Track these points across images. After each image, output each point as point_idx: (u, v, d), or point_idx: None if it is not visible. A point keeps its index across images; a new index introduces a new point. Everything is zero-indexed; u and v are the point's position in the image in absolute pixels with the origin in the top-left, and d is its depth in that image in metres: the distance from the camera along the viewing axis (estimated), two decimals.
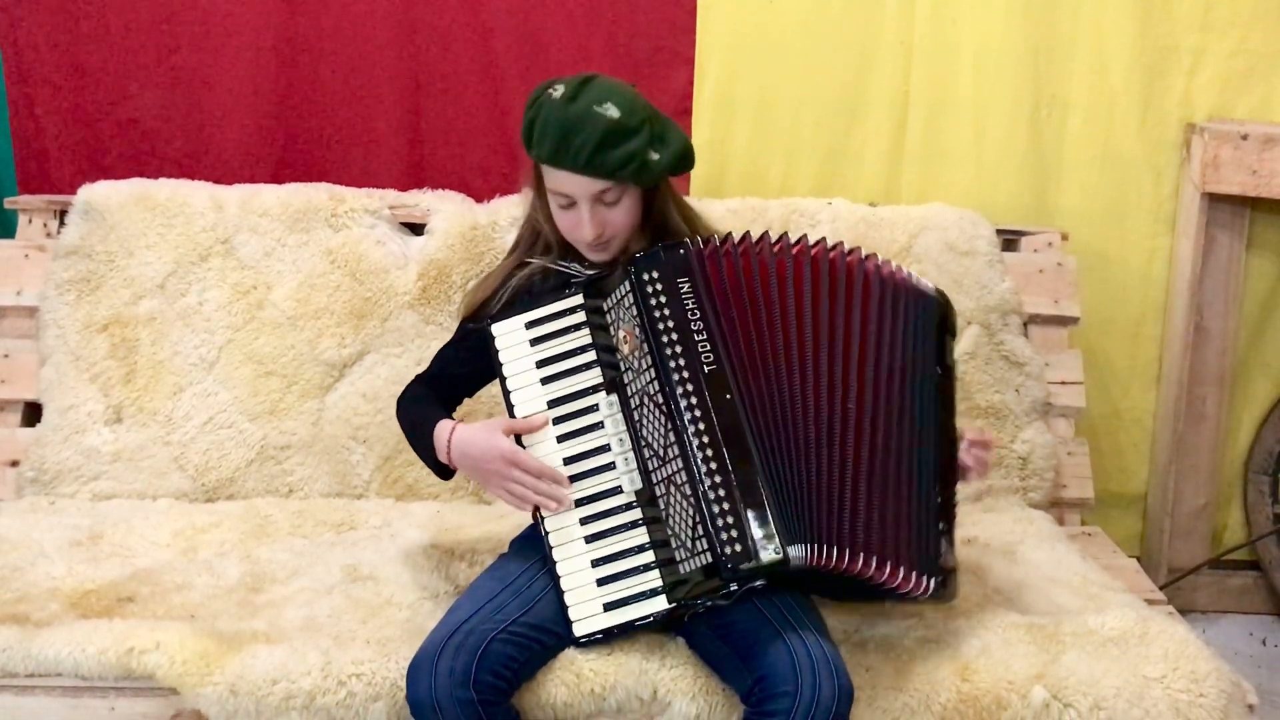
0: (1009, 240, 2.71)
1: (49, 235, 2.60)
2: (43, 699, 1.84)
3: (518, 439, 1.82)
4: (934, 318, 1.90)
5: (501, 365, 1.84)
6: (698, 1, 2.70)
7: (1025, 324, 2.64)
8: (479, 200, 2.64)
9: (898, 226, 2.61)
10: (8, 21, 2.71)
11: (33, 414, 2.54)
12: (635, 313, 1.76)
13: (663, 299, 1.75)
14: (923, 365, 1.86)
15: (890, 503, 1.78)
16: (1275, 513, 2.87)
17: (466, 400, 2.06)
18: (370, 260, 2.53)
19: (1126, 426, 2.89)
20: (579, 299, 1.83)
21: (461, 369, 1.98)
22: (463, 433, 1.84)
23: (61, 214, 2.59)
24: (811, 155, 2.78)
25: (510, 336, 1.84)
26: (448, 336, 2.07)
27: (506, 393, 1.82)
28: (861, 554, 1.73)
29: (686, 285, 1.76)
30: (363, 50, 2.73)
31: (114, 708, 1.84)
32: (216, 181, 2.63)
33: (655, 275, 1.76)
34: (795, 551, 1.69)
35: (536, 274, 1.95)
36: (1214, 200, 2.69)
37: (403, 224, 2.60)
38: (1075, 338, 2.70)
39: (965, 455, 1.90)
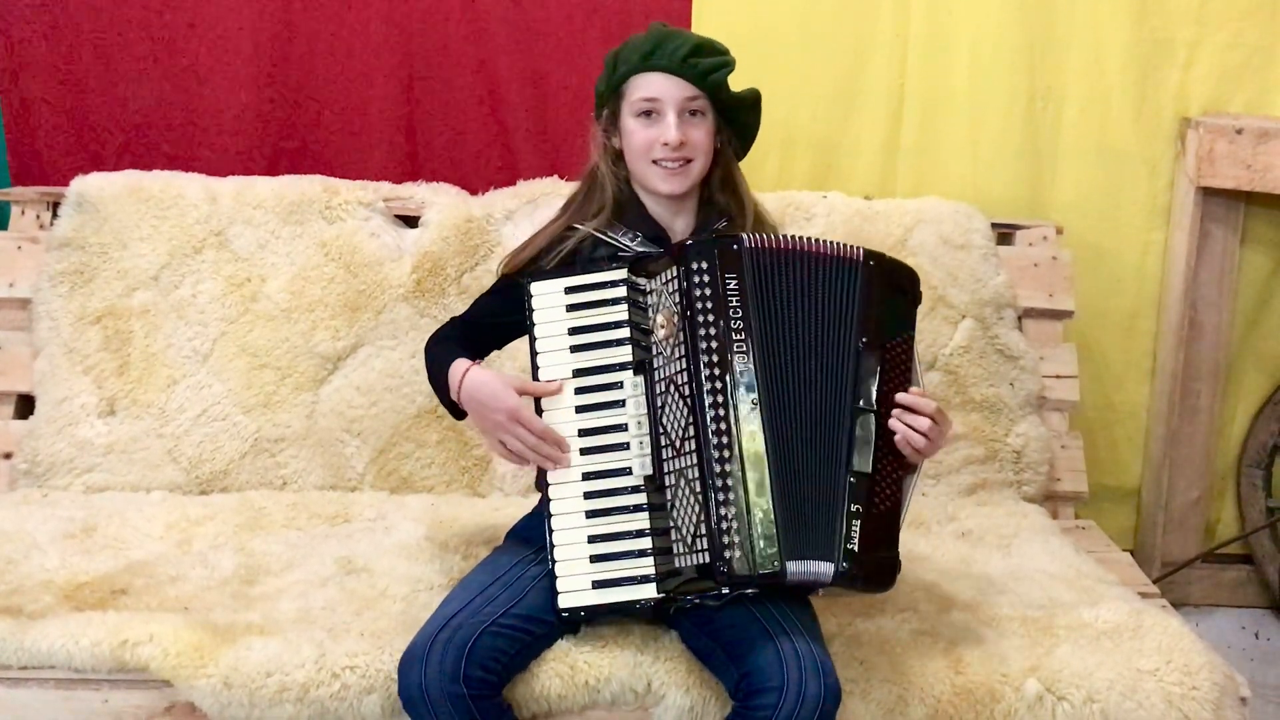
0: (1004, 234, 2.71)
1: (42, 227, 2.60)
2: (36, 691, 1.83)
3: (536, 403, 1.81)
4: (855, 282, 1.78)
5: (534, 325, 1.82)
6: None
7: (1020, 318, 2.64)
8: (473, 193, 2.64)
9: (893, 220, 2.61)
10: (1, 13, 2.70)
11: (26, 406, 2.53)
12: (678, 300, 1.74)
13: (708, 291, 1.72)
14: (843, 337, 1.77)
15: (825, 494, 1.73)
16: (1268, 506, 2.87)
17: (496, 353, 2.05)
18: (364, 253, 2.52)
19: (1120, 420, 2.89)
20: (623, 273, 1.80)
21: (495, 319, 1.96)
22: (476, 375, 1.83)
23: (55, 206, 2.58)
24: (807, 148, 2.78)
25: (548, 298, 1.82)
26: None
27: (534, 353, 1.81)
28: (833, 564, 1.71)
29: (734, 282, 1.73)
30: (357, 42, 2.73)
31: (107, 700, 1.84)
32: (210, 173, 2.63)
33: (704, 266, 1.73)
34: (794, 567, 1.68)
35: (586, 241, 1.93)
36: (1209, 194, 2.70)
37: (397, 216, 2.60)
38: (1070, 331, 2.70)
39: (896, 424, 1.76)
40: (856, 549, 1.71)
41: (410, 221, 2.60)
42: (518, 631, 1.75)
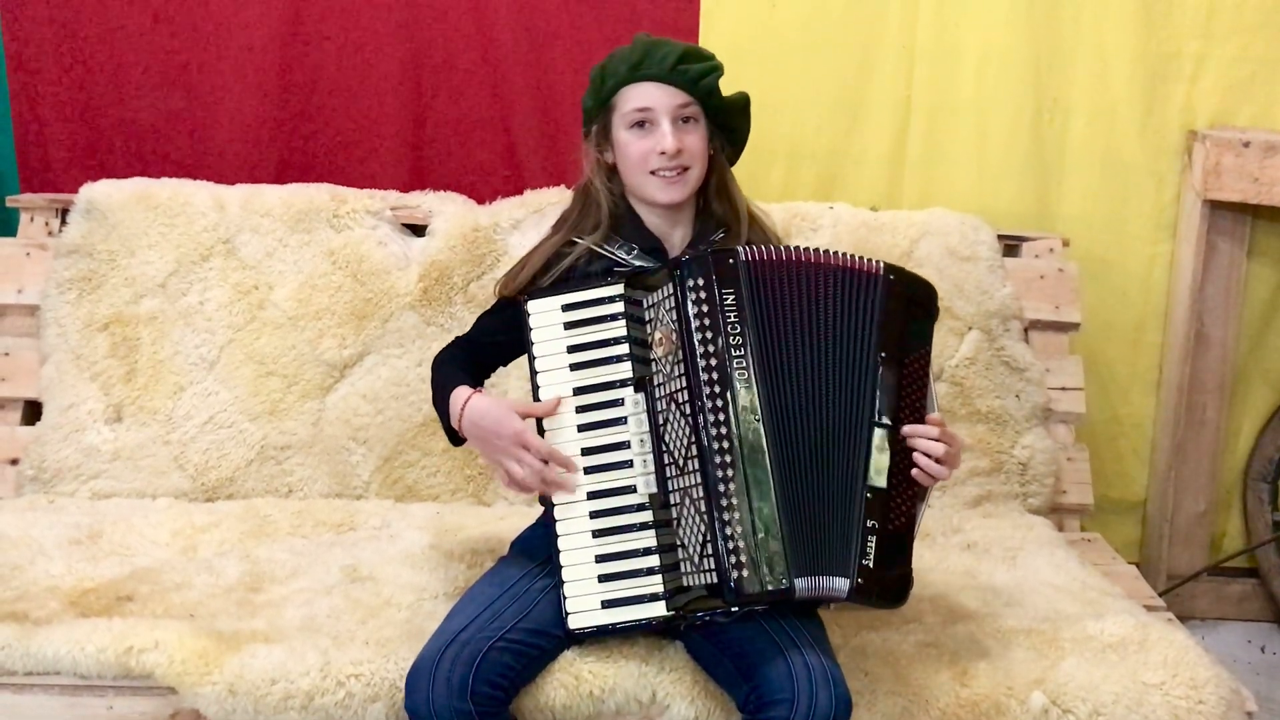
0: (1010, 245, 2.71)
1: (50, 234, 2.60)
2: (41, 697, 1.84)
3: (539, 425, 1.79)
4: (875, 296, 1.76)
5: (533, 344, 1.80)
6: (701, 4, 2.71)
7: (1026, 329, 2.64)
8: (480, 202, 2.64)
9: (899, 231, 2.61)
10: (11, 19, 2.71)
11: (33, 412, 2.53)
12: (675, 318, 1.72)
13: (705, 308, 1.70)
14: (861, 351, 1.75)
15: (838, 508, 1.73)
16: (1274, 520, 2.87)
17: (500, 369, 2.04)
18: (372, 261, 2.53)
19: (1126, 432, 2.89)
20: (620, 289, 1.78)
21: (497, 338, 1.94)
22: (477, 403, 1.80)
23: (63, 213, 2.59)
24: (813, 159, 2.78)
25: (545, 316, 1.80)
26: (448, 338, 2.05)
27: (534, 372, 1.80)
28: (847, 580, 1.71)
29: (731, 297, 1.71)
30: (365, 51, 2.74)
31: (112, 706, 1.84)
32: (218, 181, 2.63)
33: (700, 283, 1.71)
34: (802, 584, 1.68)
35: (584, 256, 1.91)
36: (1215, 207, 2.70)
37: (404, 225, 2.61)
38: (1076, 343, 2.70)
39: (914, 444, 1.76)
40: (872, 565, 1.70)
41: (417, 230, 2.61)
42: (525, 646, 1.74)
